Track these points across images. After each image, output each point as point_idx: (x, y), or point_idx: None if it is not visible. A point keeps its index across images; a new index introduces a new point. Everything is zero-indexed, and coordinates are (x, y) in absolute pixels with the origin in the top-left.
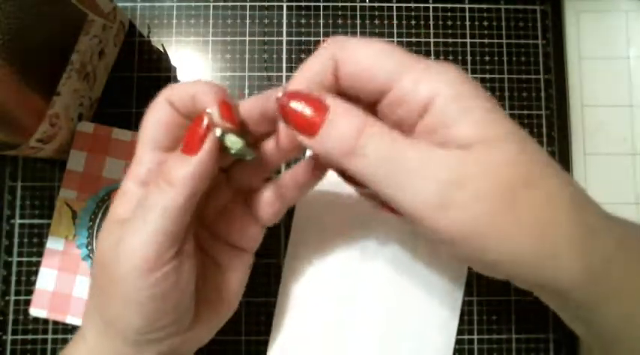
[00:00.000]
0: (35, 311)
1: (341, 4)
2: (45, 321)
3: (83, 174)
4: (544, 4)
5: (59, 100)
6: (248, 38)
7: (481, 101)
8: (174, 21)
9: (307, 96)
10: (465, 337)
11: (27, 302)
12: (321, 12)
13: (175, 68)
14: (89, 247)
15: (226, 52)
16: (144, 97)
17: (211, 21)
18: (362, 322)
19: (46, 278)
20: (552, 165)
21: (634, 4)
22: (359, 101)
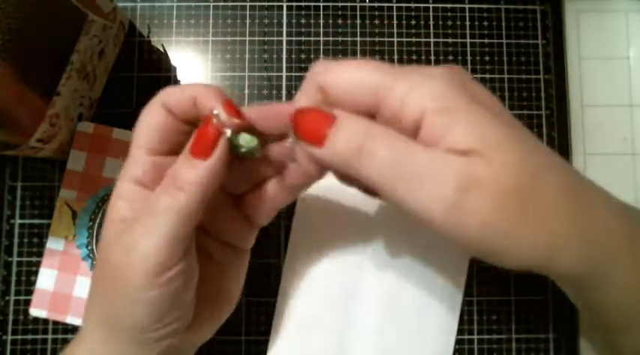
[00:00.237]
0: (35, 311)
1: (341, 4)
2: (45, 321)
3: (83, 174)
4: (544, 4)
5: (59, 100)
6: (248, 38)
7: (470, 104)
8: (174, 21)
9: (315, 109)
10: (465, 337)
11: (27, 302)
12: (321, 12)
13: (175, 68)
14: (89, 247)
15: (226, 52)
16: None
17: (211, 21)
18: (362, 321)
19: (46, 278)
20: (554, 158)
21: (634, 4)
22: None
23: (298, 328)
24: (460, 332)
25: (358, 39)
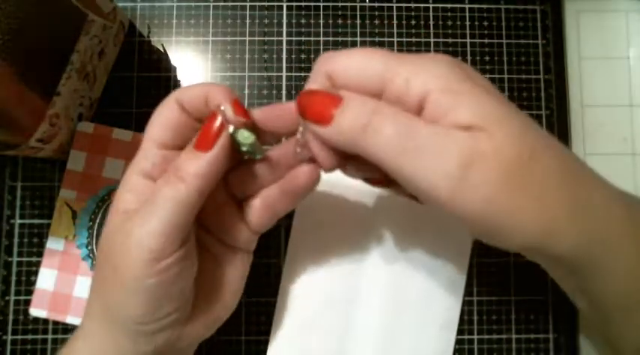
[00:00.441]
0: (35, 311)
1: (341, 4)
2: (45, 321)
3: (83, 174)
4: (544, 4)
5: (59, 100)
6: (248, 38)
7: (474, 87)
8: (174, 21)
9: (321, 90)
10: (465, 337)
11: (27, 302)
12: (321, 12)
13: (175, 68)
14: (89, 247)
15: (226, 52)
16: (144, 97)
17: (211, 21)
18: (362, 322)
19: (46, 278)
20: (552, 141)
21: (634, 4)
22: None
23: (298, 328)
24: (460, 332)
25: (358, 39)
